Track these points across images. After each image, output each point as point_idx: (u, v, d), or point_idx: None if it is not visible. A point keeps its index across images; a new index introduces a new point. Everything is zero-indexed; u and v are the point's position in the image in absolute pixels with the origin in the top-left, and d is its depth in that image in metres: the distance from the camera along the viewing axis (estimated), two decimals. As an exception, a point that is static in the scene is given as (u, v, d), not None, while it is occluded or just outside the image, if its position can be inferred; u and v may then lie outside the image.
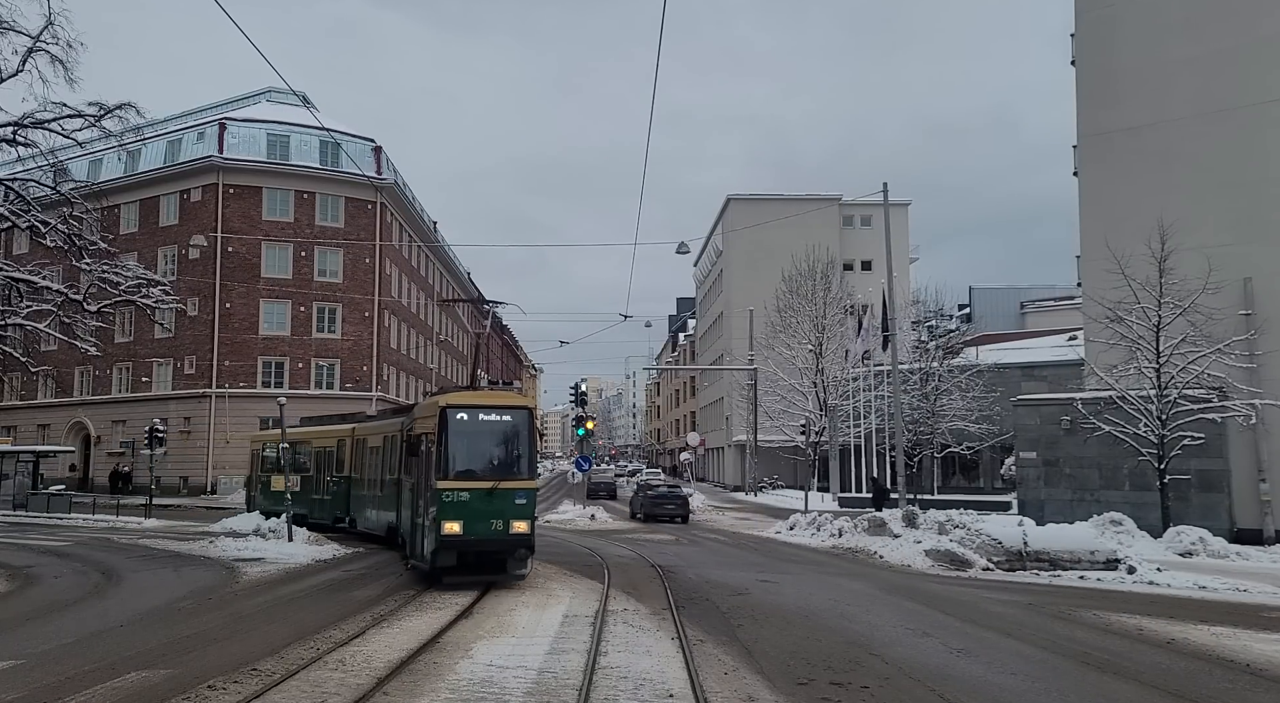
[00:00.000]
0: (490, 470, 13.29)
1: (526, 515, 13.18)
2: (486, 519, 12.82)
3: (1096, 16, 25.82)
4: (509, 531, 12.94)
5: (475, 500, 12.82)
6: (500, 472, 13.24)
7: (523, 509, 13.15)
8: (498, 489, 12.95)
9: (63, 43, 21.56)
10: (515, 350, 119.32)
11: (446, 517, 12.67)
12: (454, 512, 12.70)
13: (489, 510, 12.84)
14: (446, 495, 12.76)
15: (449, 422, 13.14)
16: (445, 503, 12.72)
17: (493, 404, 13.87)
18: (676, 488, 34.48)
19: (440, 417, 13.14)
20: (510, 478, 13.21)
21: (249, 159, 44.71)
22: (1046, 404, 24.43)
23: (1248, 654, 8.96)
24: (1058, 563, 15.75)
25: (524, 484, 13.34)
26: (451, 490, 12.80)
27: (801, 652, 8.81)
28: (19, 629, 10.19)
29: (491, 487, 12.94)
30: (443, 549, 12.71)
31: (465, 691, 7.17)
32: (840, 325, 47.14)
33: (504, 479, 13.10)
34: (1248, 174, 22.57)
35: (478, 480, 13.04)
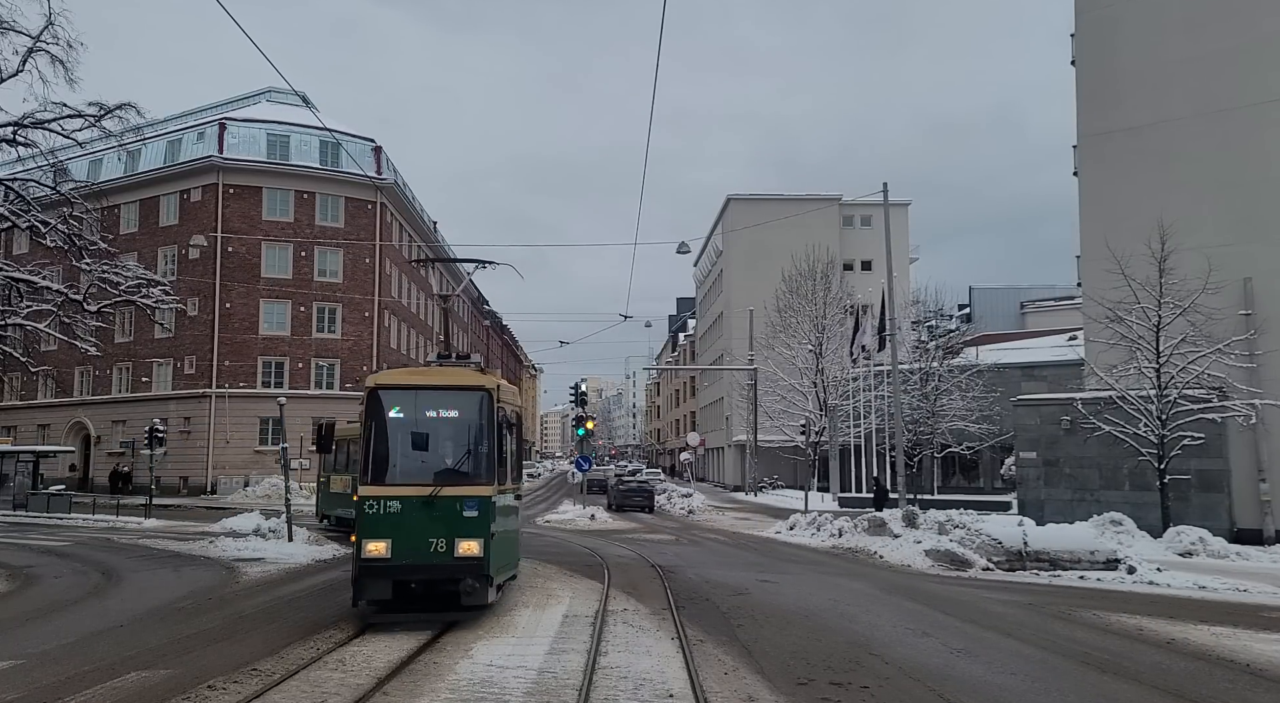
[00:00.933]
0: (430, 472, 10.23)
1: (478, 532, 9.82)
2: (422, 537, 9.72)
3: (1096, 16, 25.82)
4: (453, 552, 9.72)
5: (408, 512, 9.75)
6: (444, 474, 10.17)
7: (473, 524, 9.81)
8: (439, 497, 9.79)
9: (63, 43, 21.59)
10: (515, 350, 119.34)
11: (368, 534, 9.68)
12: (378, 527, 9.67)
13: (426, 526, 9.74)
14: (370, 505, 9.76)
15: (377, 407, 10.33)
16: (367, 516, 9.74)
17: (437, 384, 10.81)
18: (645, 483, 42.77)
19: (367, 401, 10.36)
20: (458, 482, 10.04)
21: (249, 159, 44.72)
22: (1046, 404, 24.43)
23: (1248, 654, 8.96)
24: (1058, 563, 15.75)
25: (476, 490, 9.96)
26: (376, 499, 9.78)
27: (802, 652, 8.81)
28: (19, 629, 10.20)
29: (431, 493, 9.80)
30: (365, 578, 9.68)
31: (465, 691, 7.17)
32: (840, 325, 47.14)
33: (449, 483, 9.96)
34: (1248, 174, 22.58)
35: (412, 485, 9.98)
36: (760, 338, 49.56)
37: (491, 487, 10.10)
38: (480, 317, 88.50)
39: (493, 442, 10.33)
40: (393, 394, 10.48)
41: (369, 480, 10.02)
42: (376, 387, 10.50)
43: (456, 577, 9.78)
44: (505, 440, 10.61)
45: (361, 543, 9.72)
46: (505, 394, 10.80)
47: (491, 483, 10.12)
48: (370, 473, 10.09)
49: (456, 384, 10.75)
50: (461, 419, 10.48)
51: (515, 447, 11.76)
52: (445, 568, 9.83)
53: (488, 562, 9.83)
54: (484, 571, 9.83)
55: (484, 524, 9.89)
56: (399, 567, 9.75)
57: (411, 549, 9.73)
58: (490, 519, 9.94)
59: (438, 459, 10.46)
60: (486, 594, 9.96)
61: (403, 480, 10.15)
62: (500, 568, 10.61)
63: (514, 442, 11.41)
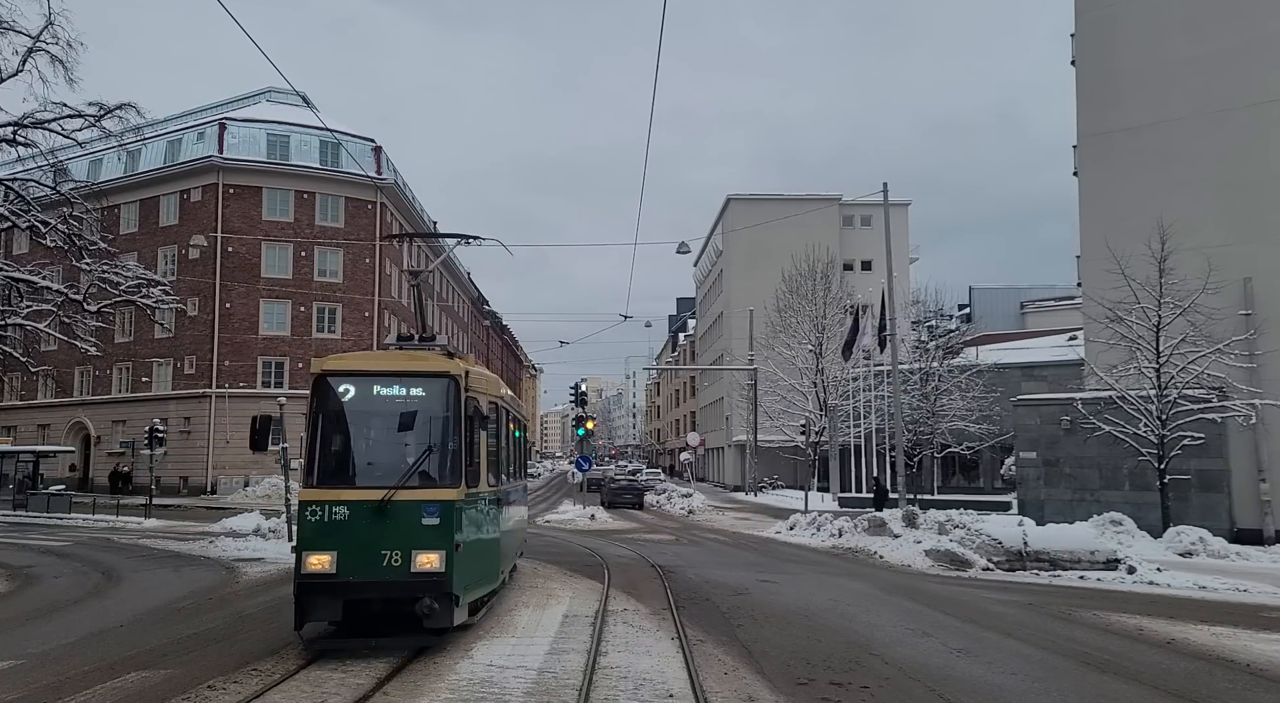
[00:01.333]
0: (384, 472, 8.85)
1: (439, 543, 8.42)
2: (374, 549, 8.34)
3: (1096, 16, 25.83)
4: (410, 567, 8.31)
5: (357, 520, 8.39)
6: (401, 474, 8.70)
7: (434, 533, 8.43)
8: (394, 502, 8.40)
9: (63, 43, 21.60)
10: (515, 350, 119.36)
11: (311, 545, 8.37)
12: (322, 538, 8.37)
13: (379, 535, 8.36)
14: (312, 512, 8.44)
15: (324, 395, 9.00)
16: (309, 524, 8.43)
17: (394, 369, 9.31)
18: (635, 482, 46.24)
19: (312, 388, 9.04)
20: (416, 484, 8.65)
21: (249, 159, 44.73)
22: (1046, 404, 24.43)
23: (1248, 654, 8.96)
24: (1058, 563, 15.75)
25: (437, 494, 8.63)
26: (320, 504, 8.45)
27: (801, 652, 8.81)
28: (19, 629, 10.20)
29: (384, 498, 8.39)
30: (307, 597, 8.33)
31: (465, 691, 7.17)
32: (840, 325, 47.16)
33: (406, 486, 8.58)
34: (1248, 174, 22.58)
35: (362, 488, 8.65)
36: (760, 338, 49.58)
37: (457, 489, 8.71)
38: (480, 317, 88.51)
39: (461, 436, 8.88)
40: (342, 381, 9.06)
41: (313, 483, 8.69)
42: (324, 372, 9.08)
43: (414, 595, 8.30)
44: (478, 435, 9.14)
45: (302, 556, 8.36)
46: (477, 381, 9.33)
47: (458, 484, 8.74)
48: (314, 474, 8.73)
49: (417, 370, 9.25)
50: (423, 410, 9.06)
51: (503, 442, 10.82)
52: (401, 585, 8.37)
53: (451, 577, 8.41)
54: (447, 588, 8.38)
55: (446, 533, 8.46)
56: (345, 584, 8.30)
57: (361, 563, 8.31)
58: (455, 527, 8.52)
59: (394, 457, 9.03)
60: (450, 615, 8.51)
61: (351, 483, 8.83)
62: (473, 583, 9.17)
63: (499, 437, 10.35)
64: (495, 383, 10.72)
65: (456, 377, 9.05)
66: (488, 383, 10.03)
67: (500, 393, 10.66)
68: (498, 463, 10.33)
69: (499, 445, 10.46)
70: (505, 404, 11.08)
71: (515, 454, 12.93)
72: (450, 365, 9.21)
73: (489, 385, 10.05)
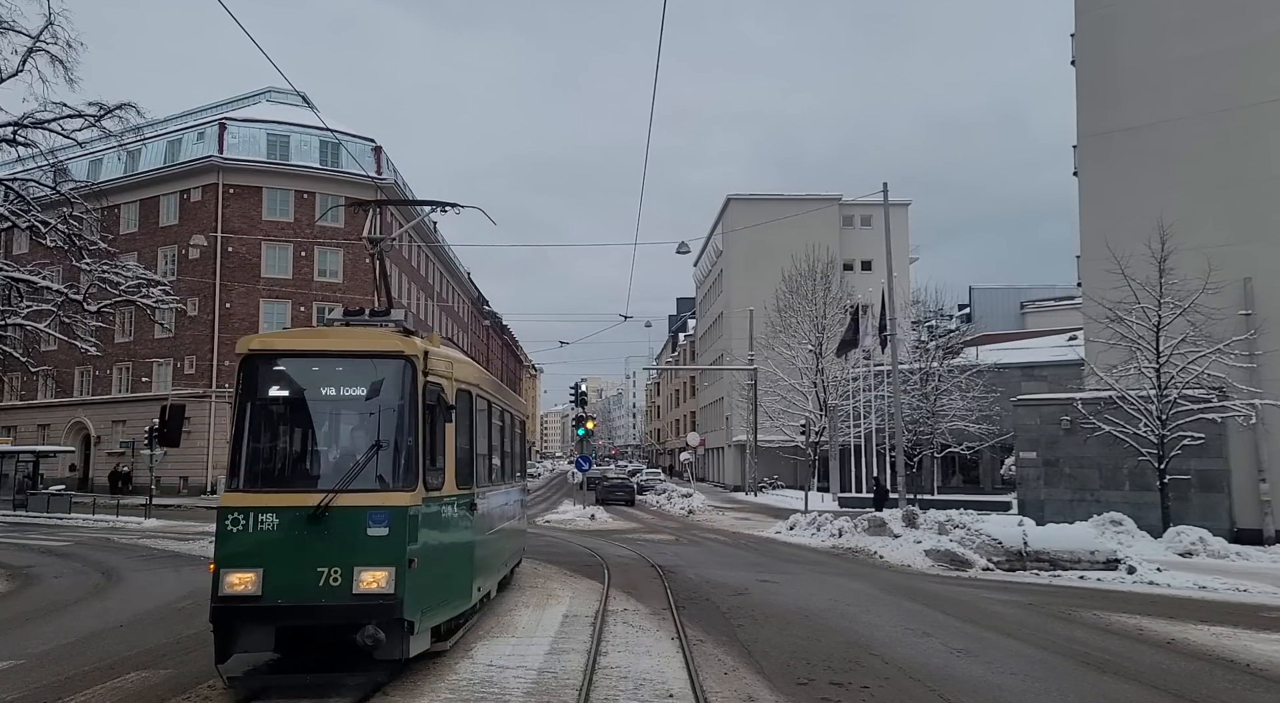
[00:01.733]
0: (321, 472, 7.65)
1: (387, 558, 7.04)
2: (307, 567, 6.95)
3: (1096, 16, 25.83)
4: (352, 588, 6.94)
5: (288, 530, 7.04)
6: (343, 475, 7.36)
7: (381, 546, 7.07)
8: (332, 509, 7.04)
9: (62, 43, 21.55)
10: (515, 350, 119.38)
11: (232, 561, 6.96)
12: (245, 552, 6.99)
13: (314, 549, 6.99)
14: (233, 520, 7.06)
15: (251, 380, 7.64)
16: (230, 535, 7.05)
17: (335, 349, 7.86)
18: (626, 481, 49.00)
19: (239, 371, 7.69)
20: (360, 487, 7.26)
21: (249, 159, 44.76)
22: (1046, 404, 24.43)
23: (1248, 654, 8.96)
24: (1058, 563, 15.75)
25: (386, 498, 7.23)
26: (243, 512, 7.07)
27: (801, 652, 8.81)
28: (19, 629, 10.20)
29: (320, 503, 7.02)
30: (225, 623, 6.89)
31: (465, 691, 7.17)
32: (840, 325, 47.18)
33: (348, 489, 7.20)
34: (1248, 174, 22.58)
35: (295, 491, 7.31)
36: (760, 338, 49.58)
37: (412, 492, 7.30)
38: (480, 317, 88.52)
39: (419, 429, 7.51)
40: (273, 362, 7.68)
41: (237, 485, 7.33)
42: (251, 352, 7.65)
43: (357, 621, 6.88)
44: (442, 428, 7.84)
45: (220, 575, 6.89)
46: (440, 364, 7.94)
47: (413, 487, 7.33)
48: (239, 475, 7.38)
49: (363, 349, 7.78)
50: (370, 398, 7.68)
51: (481, 438, 9.54)
52: (340, 610, 6.93)
53: (403, 599, 6.98)
54: (396, 613, 6.96)
55: (397, 546, 7.06)
56: (273, 609, 6.87)
57: (292, 583, 6.91)
58: (408, 538, 7.13)
59: (334, 455, 7.76)
60: (403, 645, 7.13)
61: (282, 485, 7.49)
62: (434, 605, 7.70)
63: (473, 430, 9.00)
64: (467, 368, 9.20)
65: (412, 358, 7.64)
66: (456, 367, 8.51)
67: (473, 379, 9.11)
68: (472, 461, 8.88)
69: (474, 441, 9.03)
70: (485, 393, 9.77)
71: (506, 453, 11.68)
72: (405, 344, 7.76)
73: (458, 370, 8.55)
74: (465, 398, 8.67)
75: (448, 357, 8.40)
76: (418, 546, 7.28)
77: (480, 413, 9.47)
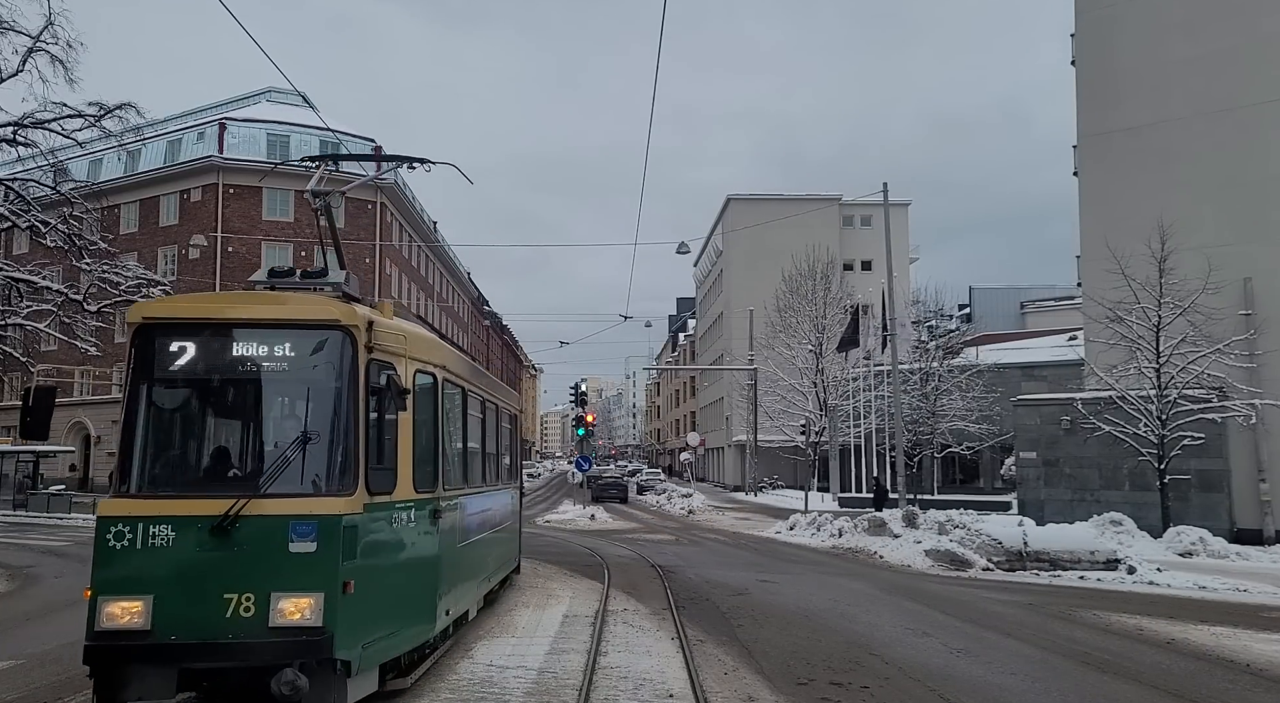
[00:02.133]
0: (233, 473, 6.20)
1: (316, 581, 5.62)
2: (210, 593, 5.54)
3: (1096, 16, 25.83)
4: (268, 619, 5.51)
5: (186, 546, 5.58)
6: (259, 476, 5.95)
7: (308, 566, 5.64)
8: (244, 519, 5.62)
9: (62, 43, 21.55)
10: (515, 350, 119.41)
11: (112, 586, 5.55)
12: (129, 573, 5.57)
13: (219, 571, 5.57)
14: (116, 533, 5.61)
15: (146, 356, 6.13)
16: (110, 552, 5.61)
17: (250, 318, 6.27)
18: (619, 479, 50.83)
19: (130, 345, 6.15)
20: (282, 492, 5.80)
21: (249, 159, 44.76)
22: (1046, 404, 24.43)
23: (1248, 654, 8.96)
24: (1058, 563, 15.75)
25: (314, 506, 5.78)
26: (128, 522, 5.62)
27: (802, 652, 8.81)
28: (19, 629, 10.20)
29: (228, 512, 5.59)
30: (103, 664, 5.44)
31: (465, 691, 7.17)
32: (840, 325, 47.18)
33: (266, 493, 5.77)
34: (1248, 174, 22.58)
35: (195, 496, 5.84)
36: (760, 338, 49.58)
37: (350, 496, 5.82)
38: (480, 317, 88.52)
39: (360, 418, 5.97)
40: (172, 335, 6.05)
41: (126, 489, 5.85)
42: (146, 322, 6.12)
43: (275, 662, 5.39)
44: (394, 417, 6.34)
45: (97, 604, 5.46)
46: (390, 339, 6.43)
47: (351, 489, 5.85)
48: (128, 476, 5.90)
49: (288, 318, 6.16)
50: (297, 378, 6.19)
51: (454, 431, 8.15)
52: (252, 649, 5.45)
53: (334, 634, 5.47)
54: (325, 650, 5.50)
55: (327, 565, 5.58)
56: (165, 648, 5.40)
57: (190, 614, 5.42)
58: (343, 555, 5.65)
59: (249, 451, 6.30)
60: (335, 692, 5.66)
61: (181, 490, 5.93)
62: (381, 637, 6.15)
63: (440, 422, 7.41)
64: (431, 346, 7.58)
65: (350, 329, 6.08)
66: (415, 344, 6.97)
67: (439, 361, 7.57)
68: (437, 459, 7.25)
69: (442, 435, 7.41)
70: (458, 379, 8.33)
71: (490, 452, 10.27)
72: (342, 312, 6.16)
73: (417, 348, 7.01)
74: (428, 383, 7.23)
75: (401, 331, 6.80)
76: (356, 564, 5.80)
77: (451, 402, 8.01)
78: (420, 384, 6.99)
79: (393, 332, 6.60)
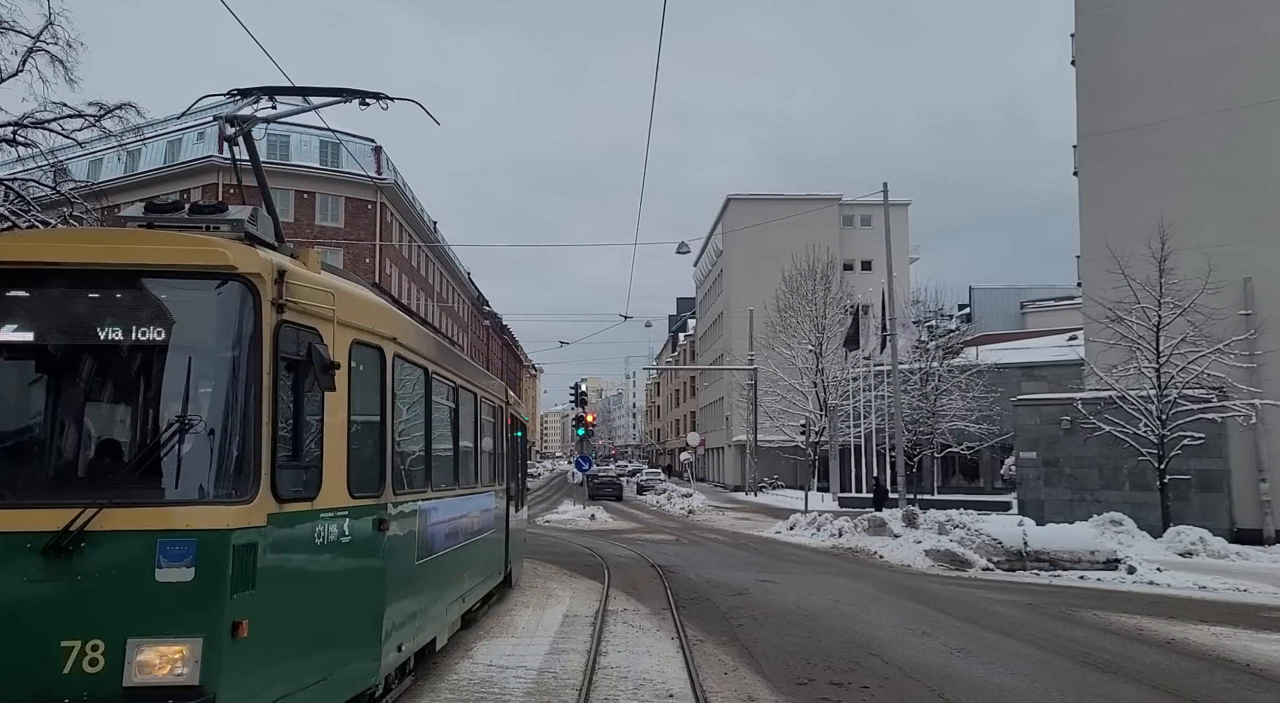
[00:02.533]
0: (74, 473, 4.49)
1: (193, 623, 4.00)
2: (41, 638, 3.91)
3: (1096, 16, 25.83)
4: (123, 675, 3.89)
5: (6, 573, 3.96)
6: (115, 477, 4.30)
7: (184, 601, 4.02)
8: (91, 536, 3.97)
9: (62, 43, 21.50)
10: (515, 350, 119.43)
11: None
12: None
13: (53, 607, 3.96)
14: None
15: None
16: None
17: (109, 263, 4.44)
18: (614, 478, 53.65)
19: None
20: (145, 498, 4.19)
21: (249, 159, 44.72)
22: (1046, 404, 24.43)
23: (1248, 654, 8.96)
24: (1058, 563, 15.75)
25: (192, 518, 4.13)
26: None
27: (802, 652, 8.81)
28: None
29: (69, 526, 3.93)
30: None
31: (465, 691, 7.17)
32: (840, 325, 47.19)
33: (122, 501, 4.07)
34: (1248, 174, 22.58)
35: (22, 504, 4.09)
36: (760, 338, 49.58)
37: (247, 503, 4.29)
38: (480, 317, 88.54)
39: (262, 397, 4.43)
40: (2, 284, 4.46)
41: None
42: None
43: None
44: (314, 397, 4.80)
45: None
46: (311, 294, 4.86)
47: (248, 493, 4.31)
48: None
49: (161, 264, 4.47)
50: (173, 344, 4.45)
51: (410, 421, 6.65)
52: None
53: (216, 694, 3.99)
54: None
55: (209, 599, 4.09)
56: None
57: (8, 672, 3.92)
58: (234, 585, 4.15)
59: (103, 443, 4.59)
60: None
61: (5, 495, 4.17)
62: (296, 691, 4.60)
63: (388, 408, 5.81)
64: (375, 311, 5.87)
65: (251, 279, 4.49)
66: (352, 307, 5.36)
67: (389, 331, 5.94)
68: (384, 454, 5.73)
69: (389, 424, 5.86)
70: (418, 357, 6.69)
71: (467, 448, 8.74)
72: (239, 256, 4.53)
73: (356, 312, 5.43)
74: (372, 358, 5.65)
75: (329, 287, 5.05)
76: (254, 597, 4.24)
77: (407, 385, 6.43)
78: (360, 359, 5.39)
79: (315, 287, 4.89)
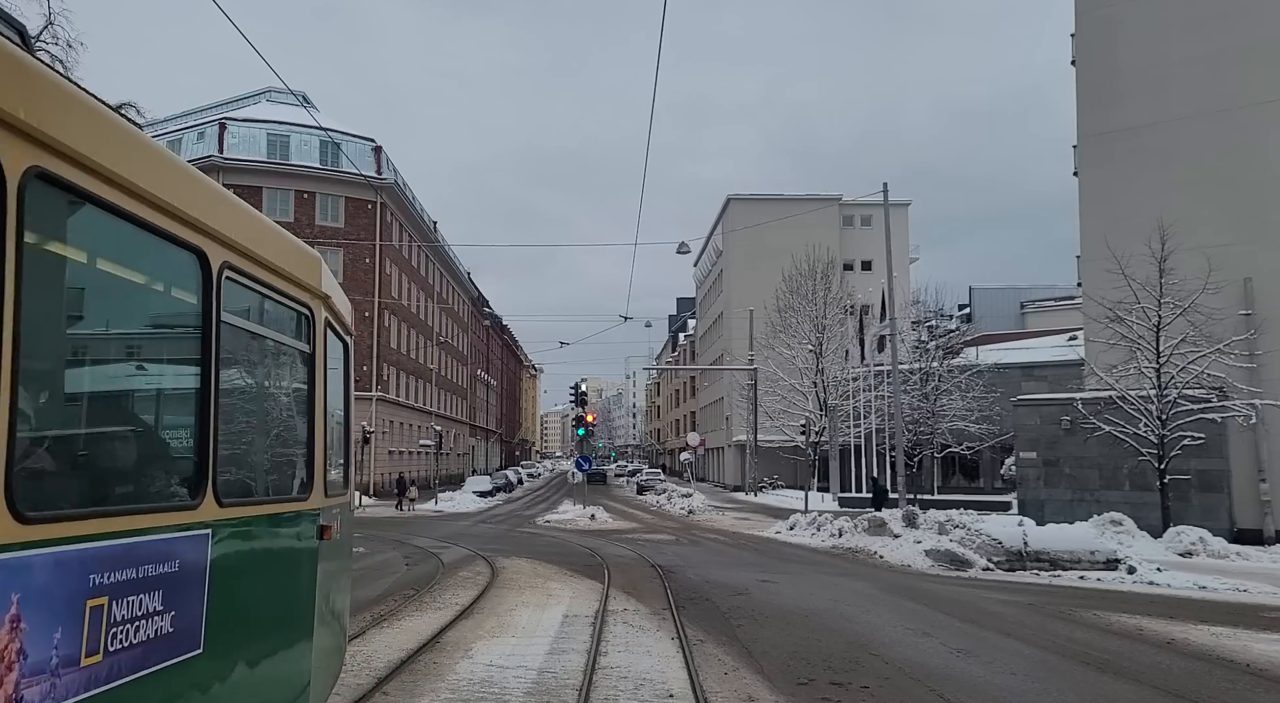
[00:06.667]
0: None
1: None
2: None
3: (1097, 16, 25.83)
4: None
5: None
6: None
7: None
8: None
9: (63, 43, 21.56)
10: (515, 350, 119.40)
11: None
12: None
13: None
14: None
15: None
16: None
17: None
18: (602, 470, 63.76)
19: None
20: None
21: (249, 159, 44.75)
22: (1046, 404, 24.43)
23: (1248, 654, 8.96)
24: (1058, 563, 15.75)
25: None
26: None
27: (802, 652, 8.81)
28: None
29: None
30: None
31: (465, 691, 7.17)
32: (840, 325, 47.18)
33: None
34: (1248, 174, 22.58)
35: None
36: (760, 338, 49.57)
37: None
38: (480, 317, 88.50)
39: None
40: None
41: None
42: None
43: None
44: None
45: None
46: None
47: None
48: None
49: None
50: None
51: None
52: None
53: None
54: None
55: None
56: None
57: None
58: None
59: None
60: None
61: None
62: None
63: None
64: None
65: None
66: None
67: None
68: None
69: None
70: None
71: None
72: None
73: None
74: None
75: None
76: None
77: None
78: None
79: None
